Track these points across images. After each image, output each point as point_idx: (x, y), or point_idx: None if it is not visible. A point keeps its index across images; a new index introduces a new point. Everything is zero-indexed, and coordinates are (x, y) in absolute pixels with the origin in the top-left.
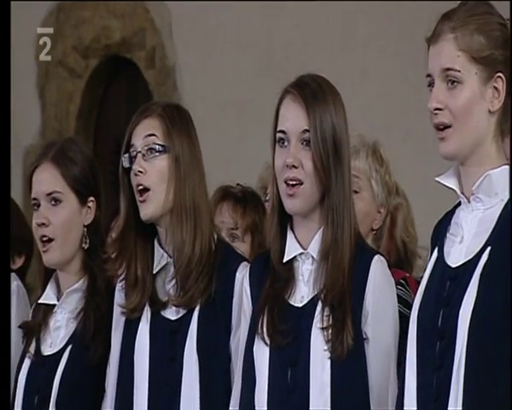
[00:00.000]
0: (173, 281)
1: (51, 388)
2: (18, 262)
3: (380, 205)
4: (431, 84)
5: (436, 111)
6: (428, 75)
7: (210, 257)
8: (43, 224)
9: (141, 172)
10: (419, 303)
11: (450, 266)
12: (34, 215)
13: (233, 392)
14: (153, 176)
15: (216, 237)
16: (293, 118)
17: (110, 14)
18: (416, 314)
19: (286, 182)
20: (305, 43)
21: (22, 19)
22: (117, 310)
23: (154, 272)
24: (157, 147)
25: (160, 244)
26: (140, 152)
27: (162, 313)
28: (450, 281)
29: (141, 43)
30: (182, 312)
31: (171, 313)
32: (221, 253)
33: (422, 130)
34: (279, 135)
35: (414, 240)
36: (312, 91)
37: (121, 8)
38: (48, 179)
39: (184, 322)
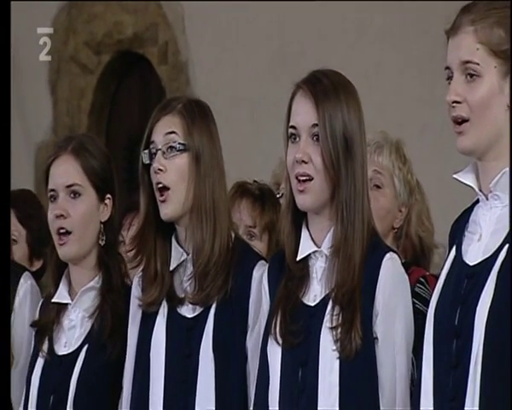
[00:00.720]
0: (189, 278)
1: (68, 388)
2: (36, 265)
3: (401, 204)
4: (449, 77)
5: (454, 104)
6: (447, 68)
7: (227, 255)
8: (62, 215)
9: (161, 170)
10: (436, 301)
11: (467, 265)
12: (51, 207)
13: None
14: (172, 174)
15: (233, 234)
16: (303, 113)
17: (122, 10)
18: (433, 313)
19: (297, 178)
20: (320, 38)
21: (33, 14)
22: (134, 304)
23: (171, 268)
24: (177, 145)
25: (178, 241)
26: (160, 149)
27: (179, 310)
28: (467, 279)
29: (153, 38)
30: (198, 310)
31: (187, 311)
32: (238, 251)
33: (438, 125)
34: (290, 130)
35: (430, 233)
36: (323, 88)
37: (133, 3)
38: (68, 171)
39: (201, 320)
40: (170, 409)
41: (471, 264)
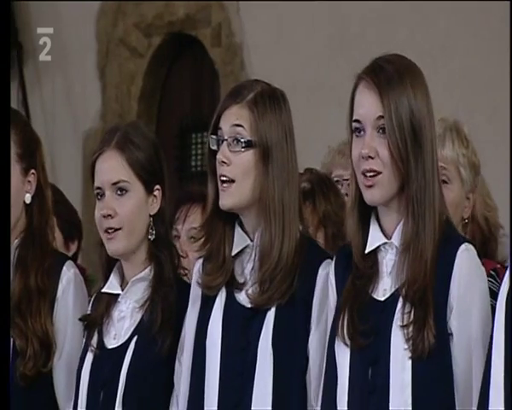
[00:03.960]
0: (254, 282)
1: (118, 383)
2: (72, 248)
3: (468, 191)
4: None
5: None
6: None
7: (295, 259)
8: (110, 215)
9: (225, 162)
10: (507, 290)
11: None
12: (98, 205)
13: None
14: (237, 169)
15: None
16: (367, 105)
17: None
18: (504, 302)
19: (363, 173)
20: (381, 19)
21: None
22: (194, 288)
23: (233, 253)
24: (243, 140)
25: (242, 227)
26: (226, 140)
27: (237, 297)
28: None
29: (206, 19)
30: None
31: (245, 300)
32: (305, 249)
33: (509, 110)
34: (354, 124)
35: (494, 210)
36: (387, 76)
37: None
38: (113, 168)
39: (260, 312)
40: (225, 402)
41: None
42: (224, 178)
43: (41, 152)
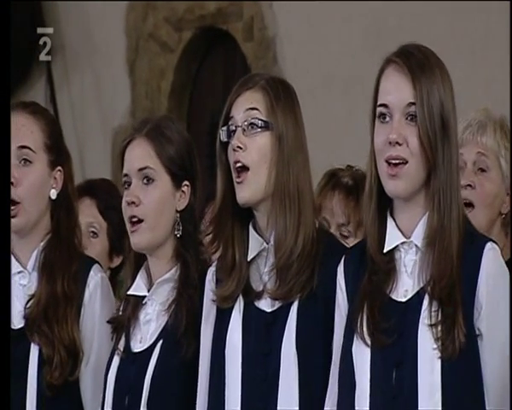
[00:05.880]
0: (271, 270)
1: (142, 387)
2: (116, 261)
3: (509, 186)
4: None
5: None
6: None
7: (312, 249)
8: (133, 203)
9: (240, 147)
10: None
11: None
12: (124, 194)
13: (328, 393)
14: (253, 153)
15: (317, 225)
16: (398, 90)
17: None
18: None
19: (388, 161)
20: (418, 12)
21: None
22: (207, 301)
23: (249, 258)
24: (259, 122)
25: (256, 229)
26: (240, 126)
27: (256, 303)
28: None
29: (238, 13)
30: (278, 303)
31: (265, 305)
32: (323, 244)
33: None
34: (380, 109)
35: None
36: (418, 62)
37: None
38: (140, 155)
39: (281, 314)
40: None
41: None
42: (239, 164)
43: (70, 164)
